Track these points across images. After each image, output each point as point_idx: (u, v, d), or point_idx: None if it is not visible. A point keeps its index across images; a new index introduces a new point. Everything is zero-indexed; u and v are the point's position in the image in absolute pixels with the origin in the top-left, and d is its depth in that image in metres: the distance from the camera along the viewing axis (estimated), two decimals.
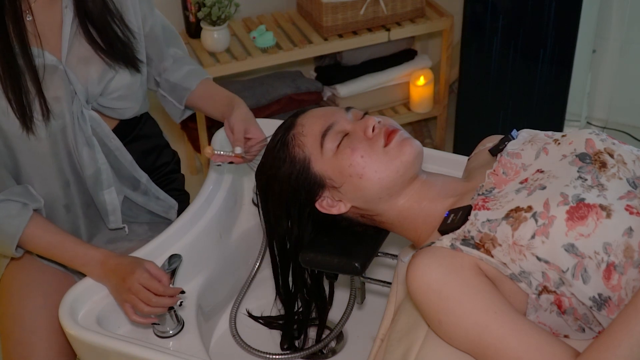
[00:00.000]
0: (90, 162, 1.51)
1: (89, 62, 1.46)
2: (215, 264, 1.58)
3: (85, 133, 1.49)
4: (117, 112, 1.55)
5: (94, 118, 1.50)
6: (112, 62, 1.48)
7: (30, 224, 1.44)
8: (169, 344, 1.39)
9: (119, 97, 1.52)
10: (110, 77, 1.49)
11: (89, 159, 1.50)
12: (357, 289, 1.52)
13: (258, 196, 1.42)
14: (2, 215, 1.42)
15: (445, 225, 1.18)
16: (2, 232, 1.43)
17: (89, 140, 1.50)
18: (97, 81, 1.47)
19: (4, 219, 1.42)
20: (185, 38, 2.59)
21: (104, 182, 1.54)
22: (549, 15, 2.39)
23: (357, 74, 2.79)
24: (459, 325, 1.09)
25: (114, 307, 1.40)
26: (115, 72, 1.49)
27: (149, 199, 1.65)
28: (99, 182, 1.53)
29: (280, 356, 1.55)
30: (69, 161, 1.51)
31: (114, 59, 1.48)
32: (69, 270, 1.59)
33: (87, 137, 1.49)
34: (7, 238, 1.43)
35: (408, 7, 2.66)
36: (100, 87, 1.48)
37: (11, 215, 1.43)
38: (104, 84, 1.48)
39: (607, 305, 1.05)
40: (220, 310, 1.66)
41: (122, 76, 1.51)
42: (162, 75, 1.66)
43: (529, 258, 1.08)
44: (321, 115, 1.32)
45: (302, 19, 2.72)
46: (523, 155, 1.24)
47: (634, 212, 1.08)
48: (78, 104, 1.46)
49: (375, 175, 1.25)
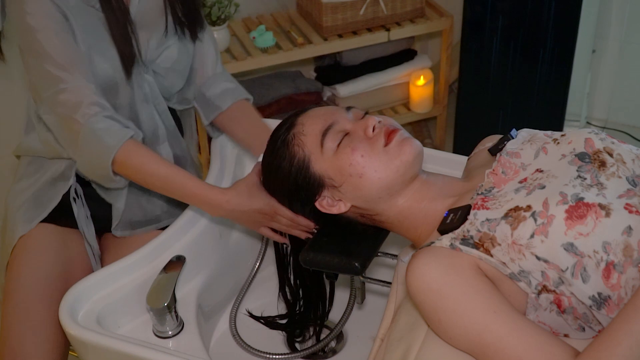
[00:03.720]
0: (149, 117, 1.59)
1: (149, 26, 1.54)
2: (215, 264, 1.58)
3: (144, 90, 1.56)
4: (164, 82, 1.60)
5: (148, 81, 1.57)
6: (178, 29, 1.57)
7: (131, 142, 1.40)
8: (169, 344, 1.39)
9: (171, 66, 1.59)
10: (166, 46, 1.57)
11: (147, 115, 1.58)
12: (357, 289, 1.52)
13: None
14: (102, 127, 1.39)
15: (445, 225, 1.18)
16: (101, 143, 1.39)
17: (147, 97, 1.57)
18: (155, 46, 1.55)
19: (104, 130, 1.39)
20: None
21: (160, 137, 1.62)
22: (549, 15, 2.39)
23: (357, 74, 2.79)
24: (458, 324, 1.09)
25: (114, 307, 1.41)
26: (170, 43, 1.57)
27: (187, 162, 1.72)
28: (155, 137, 1.61)
29: (280, 356, 1.55)
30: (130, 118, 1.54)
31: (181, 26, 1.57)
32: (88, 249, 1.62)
33: (145, 94, 1.56)
34: (105, 149, 1.38)
35: (408, 7, 2.66)
36: (157, 53, 1.56)
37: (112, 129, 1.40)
38: (161, 50, 1.56)
39: (607, 304, 1.05)
40: (220, 310, 1.66)
41: (173, 49, 1.58)
42: (200, 88, 1.68)
43: (528, 257, 1.08)
44: (321, 115, 1.32)
45: (302, 19, 2.72)
46: (522, 154, 1.24)
47: (633, 211, 1.08)
48: (138, 63, 1.53)
49: (375, 175, 1.25)
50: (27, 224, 1.58)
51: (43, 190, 1.60)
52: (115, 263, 1.44)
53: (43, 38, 1.41)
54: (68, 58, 1.42)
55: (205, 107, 1.67)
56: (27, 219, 1.58)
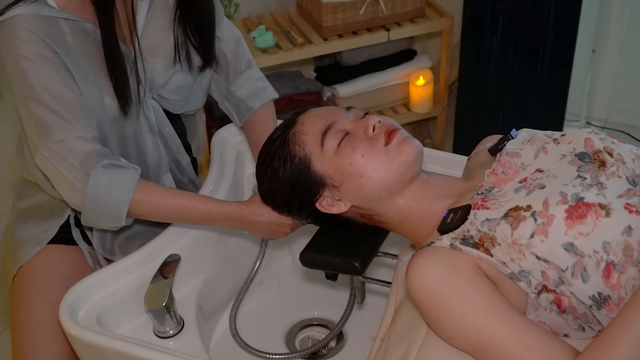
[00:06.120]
0: (154, 148, 1.55)
1: (156, 53, 1.48)
2: (215, 264, 1.58)
3: (150, 121, 1.52)
4: (170, 103, 1.55)
5: (154, 107, 1.53)
6: (186, 61, 1.50)
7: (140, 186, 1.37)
8: (169, 344, 1.39)
9: (174, 89, 1.53)
10: (174, 71, 1.51)
11: (153, 146, 1.54)
12: (357, 289, 1.52)
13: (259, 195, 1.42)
14: (107, 180, 1.34)
15: (445, 224, 1.18)
16: (110, 198, 1.34)
17: (152, 127, 1.53)
18: (162, 72, 1.49)
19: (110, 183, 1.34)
20: None
21: (163, 168, 1.58)
22: (549, 15, 2.39)
23: (356, 74, 2.79)
24: (458, 324, 1.09)
25: (114, 307, 1.40)
26: (179, 67, 1.51)
27: (184, 182, 1.69)
28: (158, 168, 1.57)
29: (280, 356, 1.55)
30: (121, 150, 1.50)
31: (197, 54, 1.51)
32: (91, 263, 1.60)
33: (150, 125, 1.52)
34: (117, 203, 1.35)
35: (408, 7, 2.66)
36: (165, 78, 1.50)
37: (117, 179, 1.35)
38: (169, 76, 1.50)
39: (607, 304, 1.05)
40: (220, 310, 1.66)
41: (182, 73, 1.52)
42: (229, 88, 1.65)
43: (529, 257, 1.08)
44: (322, 115, 1.32)
45: (302, 19, 2.72)
46: (522, 154, 1.24)
47: (633, 211, 1.08)
48: (143, 93, 1.48)
49: (376, 175, 1.25)
50: (31, 248, 1.56)
51: (42, 216, 1.59)
52: (115, 263, 1.44)
53: (38, 84, 1.32)
54: (64, 106, 1.33)
55: (236, 108, 1.64)
56: (31, 242, 1.56)
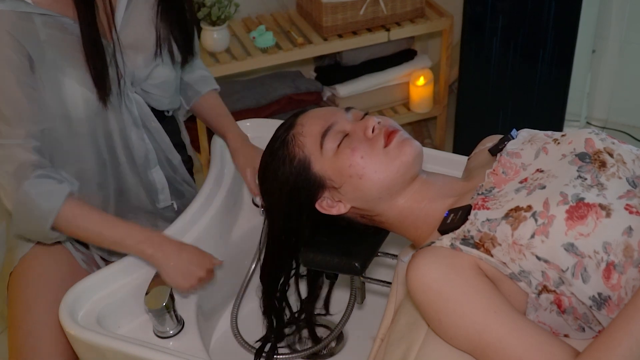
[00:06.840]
0: (140, 142, 1.55)
1: (137, 48, 1.50)
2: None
3: (132, 114, 1.52)
4: (154, 99, 1.57)
5: (137, 101, 1.53)
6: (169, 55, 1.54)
7: (68, 202, 1.38)
8: (169, 344, 1.39)
9: (159, 83, 1.55)
10: (154, 65, 1.53)
11: (138, 139, 1.55)
12: (357, 289, 1.52)
13: (260, 196, 1.42)
14: (37, 192, 1.36)
15: (445, 225, 1.18)
16: (37, 209, 1.36)
17: (136, 121, 1.53)
18: (143, 66, 1.50)
19: (39, 195, 1.36)
20: None
21: (151, 161, 1.59)
22: (549, 15, 2.39)
23: (356, 74, 2.79)
24: (459, 324, 1.09)
25: (114, 307, 1.40)
26: (160, 61, 1.53)
27: (177, 181, 1.70)
28: (146, 161, 1.58)
29: (280, 356, 1.55)
30: (107, 143, 1.51)
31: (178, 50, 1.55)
32: (83, 264, 1.59)
33: (134, 118, 1.53)
34: (43, 214, 1.37)
35: (408, 7, 2.66)
36: (146, 72, 1.52)
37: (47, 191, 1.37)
38: (149, 70, 1.52)
39: (607, 304, 1.05)
40: (220, 310, 1.66)
41: (165, 67, 1.54)
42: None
43: (529, 257, 1.08)
44: (321, 116, 1.32)
45: (302, 19, 2.72)
46: (523, 154, 1.24)
47: (633, 211, 1.08)
48: (124, 86, 1.49)
49: (375, 176, 1.25)
50: (23, 247, 1.56)
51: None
52: (115, 263, 1.44)
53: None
54: (12, 110, 1.35)
55: (183, 91, 1.69)
56: (23, 241, 1.57)
